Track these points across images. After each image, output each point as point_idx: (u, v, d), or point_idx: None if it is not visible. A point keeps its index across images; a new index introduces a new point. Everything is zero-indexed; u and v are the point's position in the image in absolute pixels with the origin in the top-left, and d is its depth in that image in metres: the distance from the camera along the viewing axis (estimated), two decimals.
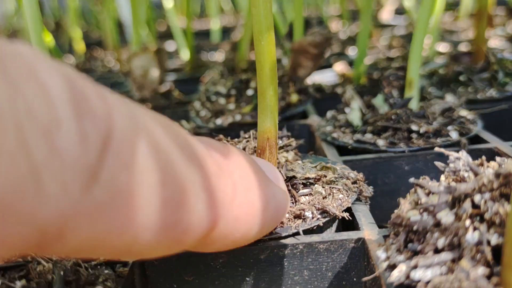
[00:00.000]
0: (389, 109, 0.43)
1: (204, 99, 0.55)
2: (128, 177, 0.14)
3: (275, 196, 0.22)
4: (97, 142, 0.14)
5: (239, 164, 0.21)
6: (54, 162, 0.13)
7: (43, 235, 0.13)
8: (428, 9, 0.40)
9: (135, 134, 0.15)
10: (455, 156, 0.23)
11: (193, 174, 0.17)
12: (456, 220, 0.19)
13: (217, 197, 0.18)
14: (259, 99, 0.27)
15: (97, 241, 0.15)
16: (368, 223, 0.27)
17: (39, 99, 0.13)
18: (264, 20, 0.25)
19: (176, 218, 0.16)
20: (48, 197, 0.13)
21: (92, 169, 0.14)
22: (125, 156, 0.14)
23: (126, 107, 0.15)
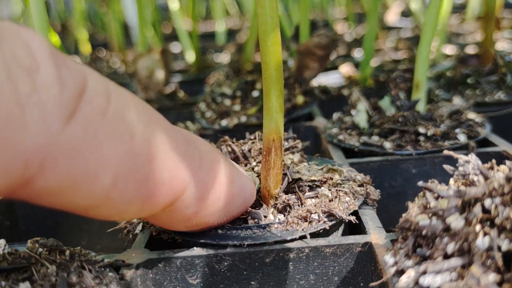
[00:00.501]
0: (396, 111, 0.42)
1: (210, 100, 0.55)
2: (100, 122, 0.17)
3: (240, 176, 0.24)
4: (72, 87, 0.16)
5: (204, 142, 0.23)
6: (35, 96, 0.15)
7: (26, 166, 0.15)
8: (435, 11, 0.40)
9: (106, 92, 0.17)
10: (464, 160, 0.23)
11: (161, 135, 0.19)
12: (466, 225, 0.19)
13: (185, 160, 0.20)
14: (264, 100, 0.27)
15: (75, 182, 0.16)
16: (375, 227, 0.27)
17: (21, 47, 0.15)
18: (270, 20, 0.25)
19: (146, 172, 0.18)
20: (30, 127, 0.15)
21: (68, 109, 0.16)
22: (98, 105, 0.17)
23: (97, 75, 0.18)
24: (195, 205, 0.21)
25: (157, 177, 0.19)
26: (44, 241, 0.26)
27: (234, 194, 0.24)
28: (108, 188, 0.17)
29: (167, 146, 0.19)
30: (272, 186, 0.28)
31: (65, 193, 0.17)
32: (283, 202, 0.27)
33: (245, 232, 0.26)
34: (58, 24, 1.77)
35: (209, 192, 0.22)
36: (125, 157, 0.17)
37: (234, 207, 0.25)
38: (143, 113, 0.19)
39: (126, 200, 0.18)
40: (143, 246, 0.28)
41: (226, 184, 0.23)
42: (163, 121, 0.21)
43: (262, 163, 0.28)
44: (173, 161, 0.19)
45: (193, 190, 0.21)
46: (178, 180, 0.20)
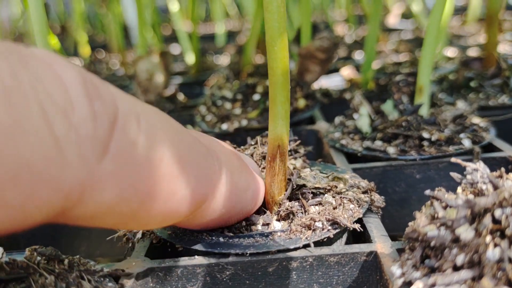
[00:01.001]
0: (399, 116, 0.42)
1: (210, 104, 0.54)
2: (133, 151, 0.17)
3: (254, 181, 0.26)
4: (106, 120, 0.17)
5: (223, 150, 0.24)
6: (72, 136, 0.15)
7: (65, 200, 0.16)
8: (439, 15, 0.40)
9: (136, 117, 0.18)
10: (472, 168, 0.22)
11: (186, 152, 0.20)
12: (476, 236, 0.19)
13: (207, 175, 0.22)
14: (270, 105, 0.27)
15: (109, 207, 0.17)
16: (380, 235, 0.26)
17: (56, 86, 0.15)
18: (277, 25, 0.24)
19: (174, 189, 0.19)
20: (69, 165, 0.15)
21: (103, 142, 0.16)
22: (130, 133, 0.17)
23: (127, 97, 0.19)
24: (211, 214, 0.23)
25: (181, 195, 0.20)
26: (43, 249, 0.26)
27: (247, 200, 0.25)
28: (137, 208, 0.19)
29: (192, 163, 0.20)
30: (276, 192, 0.28)
31: (99, 216, 0.18)
32: (287, 209, 0.27)
33: (248, 240, 0.26)
34: (57, 26, 1.76)
35: (226, 201, 0.23)
36: (154, 180, 0.18)
37: (245, 211, 0.26)
38: (169, 130, 0.20)
39: (151, 217, 0.20)
40: (143, 254, 0.27)
41: (242, 193, 0.24)
42: (186, 134, 0.21)
43: (267, 169, 0.28)
44: (196, 177, 0.21)
45: (211, 201, 0.22)
46: (199, 195, 0.21)
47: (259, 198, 0.27)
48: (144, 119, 0.18)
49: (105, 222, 0.19)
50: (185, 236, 0.27)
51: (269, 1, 0.24)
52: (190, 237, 0.27)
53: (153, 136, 0.18)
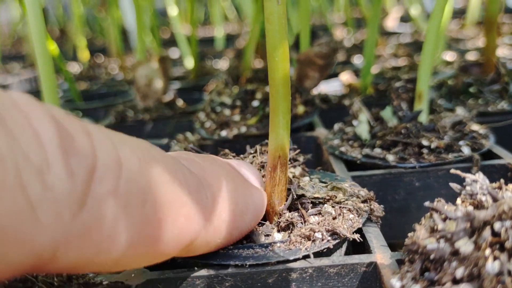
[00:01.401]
0: (398, 122, 0.42)
1: (209, 110, 0.54)
2: (112, 200, 0.17)
3: (253, 198, 0.25)
4: (82, 174, 0.16)
5: (216, 176, 0.23)
6: (46, 196, 0.15)
7: (39, 258, 0.15)
8: (438, 20, 0.40)
9: (116, 164, 0.17)
10: (471, 179, 0.22)
11: (174, 192, 0.19)
12: (475, 250, 0.18)
13: (197, 210, 0.20)
14: (271, 115, 0.27)
15: (87, 260, 0.17)
16: (380, 246, 0.26)
17: (33, 144, 0.15)
18: (278, 36, 0.24)
19: (158, 233, 0.19)
20: (43, 226, 0.15)
21: (80, 198, 0.16)
22: (108, 183, 0.17)
23: (107, 141, 0.18)
24: (206, 246, 0.22)
25: (169, 235, 0.19)
26: None
27: (245, 223, 0.24)
28: (120, 255, 0.18)
29: (180, 201, 0.19)
30: (277, 203, 0.28)
31: (77, 268, 0.17)
32: (287, 220, 0.27)
33: (247, 251, 0.26)
34: (56, 30, 1.76)
35: (221, 233, 0.22)
36: (136, 226, 0.18)
37: (245, 231, 0.25)
38: (154, 169, 0.19)
39: (138, 259, 0.19)
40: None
41: (239, 217, 0.23)
42: (175, 166, 0.20)
43: (267, 179, 0.28)
44: (185, 215, 0.20)
45: (204, 236, 0.21)
46: (190, 232, 0.20)
47: (260, 214, 0.26)
48: (126, 163, 0.17)
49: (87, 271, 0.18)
50: None
51: (270, 12, 0.24)
52: None
53: (136, 180, 0.18)
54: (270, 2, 0.24)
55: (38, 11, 0.45)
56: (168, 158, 0.20)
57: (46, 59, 0.46)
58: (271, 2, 0.24)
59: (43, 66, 0.46)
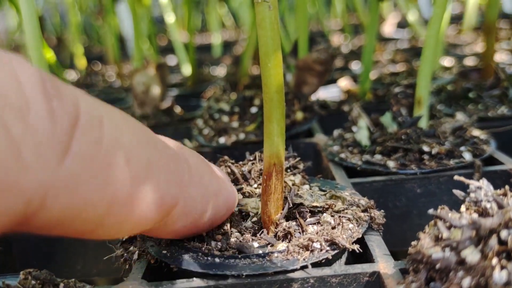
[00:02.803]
0: (398, 128, 0.41)
1: (207, 117, 0.54)
2: (96, 152, 0.17)
3: (225, 185, 0.26)
4: (65, 119, 0.16)
5: (192, 154, 0.24)
6: (29, 136, 0.15)
7: (27, 205, 0.15)
8: (437, 27, 0.39)
9: (99, 118, 0.17)
10: (476, 186, 0.22)
11: (154, 155, 0.20)
12: (482, 259, 0.18)
13: (176, 178, 0.21)
14: (265, 122, 0.26)
15: (74, 212, 0.17)
16: (382, 255, 0.25)
17: (10, 84, 0.15)
18: (271, 42, 0.24)
19: (142, 193, 0.19)
20: (28, 168, 0.15)
21: (63, 143, 0.16)
22: (93, 133, 0.17)
23: (90, 98, 0.18)
24: (183, 219, 0.23)
25: (149, 199, 0.19)
26: (37, 273, 0.25)
27: (219, 205, 0.25)
28: (104, 214, 0.18)
29: (160, 165, 0.20)
30: (273, 211, 0.27)
31: (64, 223, 0.17)
32: (284, 229, 0.26)
33: (244, 261, 0.25)
34: (53, 37, 1.76)
35: (197, 206, 0.23)
36: (121, 183, 0.18)
37: (218, 217, 0.26)
38: (135, 133, 0.19)
39: (120, 223, 0.19)
40: (140, 276, 0.26)
41: (213, 197, 0.24)
42: (155, 138, 0.21)
43: (263, 187, 0.27)
44: (165, 180, 0.20)
45: (182, 205, 0.22)
46: (169, 198, 0.21)
47: (231, 205, 0.26)
48: (109, 120, 0.18)
49: (72, 230, 0.18)
50: (181, 257, 0.26)
51: (262, 18, 0.24)
52: (186, 258, 0.26)
53: (118, 138, 0.18)
54: (262, 7, 0.24)
55: (34, 20, 0.45)
56: (147, 128, 0.21)
57: (43, 67, 0.46)
58: (262, 7, 0.24)
59: None
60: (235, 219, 0.29)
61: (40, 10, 1.63)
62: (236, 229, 0.28)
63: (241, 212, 0.30)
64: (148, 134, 0.21)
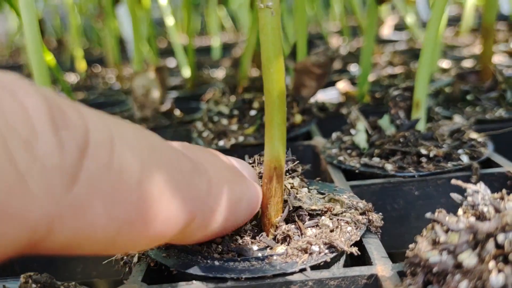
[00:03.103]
0: (396, 130, 0.42)
1: (206, 120, 0.54)
2: (106, 176, 0.17)
3: (248, 190, 0.25)
4: (74, 148, 0.16)
5: (213, 163, 0.23)
6: (36, 168, 0.15)
7: (33, 233, 0.15)
8: (435, 30, 0.40)
9: (110, 140, 0.17)
10: (473, 190, 0.22)
11: (169, 171, 0.19)
12: (479, 262, 0.18)
13: (192, 192, 0.20)
14: (266, 126, 0.26)
15: (83, 236, 0.17)
16: (380, 257, 0.26)
17: (19, 117, 0.15)
18: (273, 47, 0.24)
19: (153, 213, 0.18)
20: (34, 198, 0.15)
21: (71, 172, 0.16)
22: (102, 158, 0.17)
23: (100, 118, 0.18)
24: (203, 230, 0.22)
25: (163, 217, 0.19)
26: (38, 277, 0.25)
27: (241, 210, 0.25)
28: (115, 235, 0.18)
29: (174, 182, 0.19)
30: (273, 214, 0.28)
31: (73, 246, 0.17)
32: (283, 232, 0.26)
33: (243, 264, 0.25)
34: (54, 40, 1.76)
35: (217, 217, 0.22)
36: (130, 205, 0.17)
37: (241, 221, 0.26)
38: (147, 149, 0.19)
39: (133, 241, 0.19)
40: (140, 279, 0.27)
41: (234, 204, 0.24)
42: (169, 150, 0.20)
43: (263, 191, 0.27)
44: (180, 196, 0.20)
45: (201, 219, 0.21)
46: (185, 214, 0.20)
47: (255, 207, 0.26)
48: (120, 141, 0.17)
49: (83, 250, 0.18)
50: (180, 260, 0.26)
51: (264, 23, 0.24)
52: (185, 260, 0.26)
53: (129, 158, 0.18)
54: (264, 13, 0.24)
55: (34, 24, 0.45)
56: (161, 140, 0.21)
57: (42, 70, 0.46)
58: (265, 13, 0.24)
59: (39, 78, 0.46)
60: None
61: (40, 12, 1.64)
62: (236, 232, 0.28)
63: None
64: (163, 148, 0.20)
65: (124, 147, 0.18)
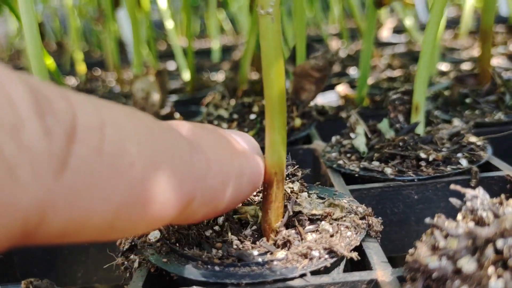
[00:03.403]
0: (395, 134, 0.42)
1: (206, 123, 0.54)
2: (97, 162, 0.16)
3: (249, 163, 0.24)
4: (61, 133, 0.16)
5: (210, 140, 0.23)
6: (23, 156, 0.14)
7: (26, 223, 0.15)
8: (434, 33, 0.40)
9: (100, 124, 0.17)
10: (471, 195, 0.22)
11: (164, 153, 0.19)
12: (478, 268, 0.18)
13: (190, 172, 0.20)
14: (267, 131, 0.27)
15: (79, 222, 0.16)
16: (380, 262, 0.26)
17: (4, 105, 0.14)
18: (273, 53, 0.24)
19: (151, 195, 0.18)
20: (24, 187, 0.14)
21: (60, 158, 0.15)
22: (92, 143, 0.16)
23: (90, 103, 0.17)
24: (204, 209, 0.22)
25: (161, 198, 0.18)
26: (38, 282, 0.25)
27: (243, 185, 0.24)
28: (112, 219, 0.17)
29: (170, 162, 0.19)
30: (273, 219, 0.28)
31: (70, 233, 0.17)
32: (283, 238, 0.27)
33: (243, 269, 0.25)
34: (53, 43, 1.77)
35: (217, 194, 0.22)
36: (126, 188, 0.17)
37: (242, 197, 0.25)
38: (141, 131, 0.19)
39: (132, 224, 0.18)
40: (140, 284, 0.27)
41: (235, 179, 0.23)
42: (163, 130, 0.20)
43: (264, 196, 0.28)
44: (177, 177, 0.19)
45: (200, 198, 0.21)
46: (183, 194, 0.20)
47: (257, 180, 0.25)
48: (110, 124, 0.17)
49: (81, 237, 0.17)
50: (181, 265, 0.26)
51: (265, 29, 0.24)
52: (186, 266, 0.26)
53: (121, 142, 0.17)
54: (265, 20, 0.24)
55: (34, 28, 0.45)
56: (156, 121, 0.20)
57: (42, 74, 0.46)
58: (265, 19, 0.24)
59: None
60: (235, 227, 0.29)
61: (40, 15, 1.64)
62: (236, 237, 0.29)
63: (240, 221, 0.30)
64: (157, 130, 0.20)
65: (116, 131, 0.17)
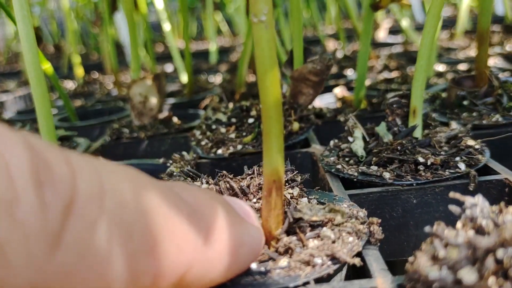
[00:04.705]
0: (393, 138, 0.42)
1: (204, 128, 0.54)
2: (92, 236, 0.15)
3: (249, 233, 0.24)
4: (58, 208, 0.15)
5: (211, 208, 0.22)
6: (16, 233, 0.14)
7: None
8: (431, 36, 0.40)
9: (100, 196, 0.16)
10: (471, 203, 0.22)
11: (162, 223, 0.18)
12: (479, 279, 0.18)
13: (189, 241, 0.19)
14: (264, 138, 0.27)
15: None
16: (380, 270, 0.26)
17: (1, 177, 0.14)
18: (269, 61, 0.24)
19: (146, 267, 0.17)
20: (14, 267, 0.14)
21: (55, 234, 0.14)
22: (89, 217, 0.15)
23: (91, 170, 0.16)
24: (201, 280, 0.21)
25: (158, 267, 0.18)
26: None
27: (243, 256, 0.23)
28: None
29: (169, 229, 0.18)
30: (273, 227, 0.28)
31: None
32: (285, 245, 0.27)
33: (246, 279, 0.25)
34: (51, 46, 1.76)
35: (216, 266, 0.21)
36: (123, 260, 0.16)
37: (244, 266, 0.24)
38: (142, 196, 0.18)
39: None
40: None
41: (235, 250, 0.22)
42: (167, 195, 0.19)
43: (263, 204, 0.28)
44: (176, 244, 0.19)
45: (197, 269, 0.20)
46: (179, 266, 0.19)
47: (258, 249, 0.25)
48: (111, 194, 0.16)
49: None
50: None
51: (259, 37, 0.24)
52: None
53: (119, 213, 0.16)
54: (258, 27, 0.24)
55: (31, 36, 0.45)
56: (158, 186, 0.20)
57: (40, 79, 0.46)
58: (259, 27, 0.24)
59: (36, 87, 0.46)
60: None
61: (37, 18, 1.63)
62: None
63: None
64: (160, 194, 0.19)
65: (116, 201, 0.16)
